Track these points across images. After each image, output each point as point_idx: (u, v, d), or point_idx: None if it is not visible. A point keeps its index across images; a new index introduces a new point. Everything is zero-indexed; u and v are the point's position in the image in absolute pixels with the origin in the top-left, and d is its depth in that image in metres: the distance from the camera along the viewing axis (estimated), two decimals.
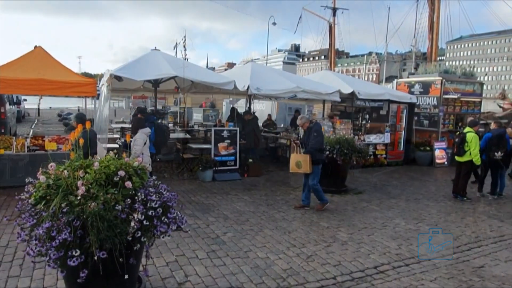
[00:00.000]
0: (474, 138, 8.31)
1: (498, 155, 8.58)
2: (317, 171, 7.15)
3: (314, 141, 6.97)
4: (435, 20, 22.39)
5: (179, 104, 19.17)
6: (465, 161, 8.49)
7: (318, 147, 7.04)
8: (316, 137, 7.00)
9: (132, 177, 3.29)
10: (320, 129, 7.21)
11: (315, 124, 7.27)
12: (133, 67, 8.97)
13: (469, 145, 8.31)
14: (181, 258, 4.77)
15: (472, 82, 14.66)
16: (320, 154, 7.17)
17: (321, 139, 7.11)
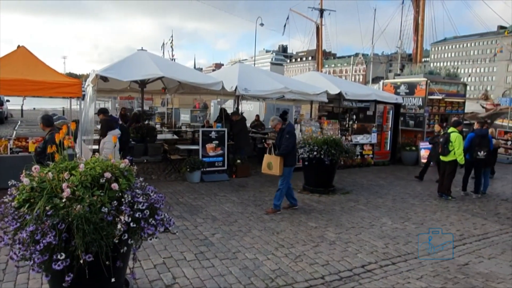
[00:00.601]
0: (457, 138, 8.46)
1: (481, 154, 8.77)
2: (288, 174, 6.99)
3: (286, 143, 6.83)
4: (420, 22, 22.74)
5: (166, 105, 19.03)
6: (449, 160, 8.64)
7: (290, 149, 6.89)
8: (288, 139, 6.85)
9: (119, 178, 3.25)
10: (293, 131, 7.08)
11: (288, 126, 7.16)
12: (119, 68, 8.86)
13: (453, 144, 8.45)
14: (169, 260, 4.73)
15: (456, 83, 14.95)
16: (292, 156, 7.02)
17: (293, 141, 6.95)
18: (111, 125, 6.82)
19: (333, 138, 8.78)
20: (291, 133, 6.94)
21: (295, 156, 7.26)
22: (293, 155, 7.06)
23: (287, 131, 6.94)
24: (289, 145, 6.84)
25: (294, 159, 7.12)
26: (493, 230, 6.60)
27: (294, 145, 7.05)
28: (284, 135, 6.92)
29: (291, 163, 7.01)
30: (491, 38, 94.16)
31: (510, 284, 4.50)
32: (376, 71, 77.47)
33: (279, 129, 7.18)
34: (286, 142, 6.83)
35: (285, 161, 6.92)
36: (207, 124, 13.21)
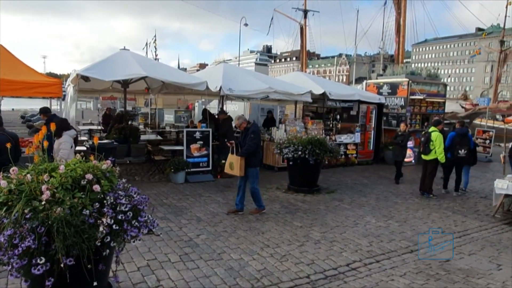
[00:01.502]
0: (438, 137, 8.64)
1: (461, 152, 8.99)
2: (254, 174, 6.81)
3: (250, 143, 6.63)
4: (401, 23, 23.15)
5: (150, 105, 18.80)
6: (430, 159, 8.81)
7: (253, 149, 6.69)
8: (253, 139, 6.66)
9: (101, 180, 3.19)
10: (257, 131, 6.94)
11: (253, 125, 6.96)
12: (101, 67, 8.71)
13: (434, 143, 8.63)
14: (153, 262, 4.67)
15: (436, 84, 15.27)
16: (255, 157, 6.83)
17: (257, 141, 6.77)
18: (65, 125, 6.43)
19: (317, 138, 8.84)
20: (256, 133, 6.77)
21: (259, 156, 7.10)
22: (256, 155, 6.86)
23: (252, 131, 6.75)
24: (252, 145, 6.66)
25: (257, 159, 6.93)
26: (473, 227, 6.76)
27: (258, 145, 6.90)
28: (248, 134, 6.71)
29: (255, 163, 6.82)
30: (469, 39, 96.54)
31: (489, 279, 4.62)
32: (359, 71, 78.46)
33: (244, 128, 6.94)
34: (250, 142, 6.63)
35: (249, 161, 6.72)
36: (192, 124, 13.12)
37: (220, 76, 10.28)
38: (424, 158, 8.99)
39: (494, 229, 6.73)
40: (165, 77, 9.42)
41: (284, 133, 10.87)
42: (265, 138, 11.83)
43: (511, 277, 4.68)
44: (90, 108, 40.25)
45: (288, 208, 7.43)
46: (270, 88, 10.52)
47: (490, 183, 9.04)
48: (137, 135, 11.38)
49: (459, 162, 9.22)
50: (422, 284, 4.43)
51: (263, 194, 8.41)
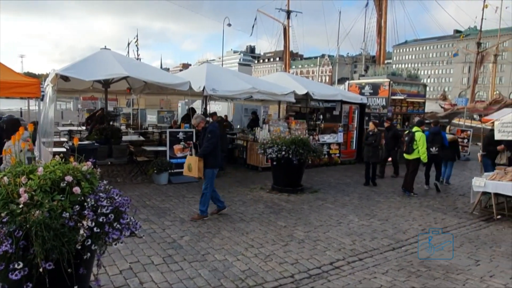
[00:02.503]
0: (422, 137, 8.87)
1: (433, 150, 9.42)
2: (210, 176, 6.58)
3: (207, 143, 6.42)
4: (382, 24, 23.51)
5: (132, 106, 18.55)
6: (413, 158, 9.01)
7: (211, 149, 6.47)
8: (210, 138, 6.43)
9: (81, 182, 3.12)
10: (216, 130, 6.66)
11: (211, 125, 6.76)
12: (81, 67, 8.54)
13: (418, 143, 8.83)
14: (136, 265, 4.60)
15: (416, 84, 15.58)
16: (213, 157, 6.56)
17: (215, 142, 6.52)
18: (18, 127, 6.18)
19: (301, 138, 8.89)
20: (213, 132, 6.51)
21: (217, 157, 6.75)
22: (214, 156, 6.59)
23: (209, 131, 6.51)
24: (210, 145, 6.43)
25: (216, 160, 6.67)
26: (452, 224, 6.93)
27: (216, 145, 6.60)
28: (206, 134, 6.50)
29: (213, 164, 6.59)
30: (448, 41, 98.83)
31: (468, 274, 4.74)
32: (341, 72, 79.39)
33: (202, 128, 6.70)
34: (207, 143, 6.41)
35: (206, 162, 6.50)
36: (175, 125, 13.00)
37: (203, 76, 10.22)
38: (407, 157, 9.16)
39: (472, 225, 6.91)
40: (147, 77, 9.31)
41: (267, 133, 10.89)
42: (249, 138, 11.83)
43: (488, 272, 4.82)
44: (70, 108, 39.42)
45: (272, 208, 7.44)
46: (254, 89, 10.53)
47: (468, 181, 9.27)
48: (119, 136, 11.22)
49: (434, 159, 9.65)
50: (403, 281, 4.51)
51: (247, 195, 8.42)
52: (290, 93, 11.42)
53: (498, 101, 26.95)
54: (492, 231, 6.60)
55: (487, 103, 28.63)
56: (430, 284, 4.44)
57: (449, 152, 10.32)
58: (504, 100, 26.91)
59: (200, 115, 7.07)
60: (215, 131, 6.59)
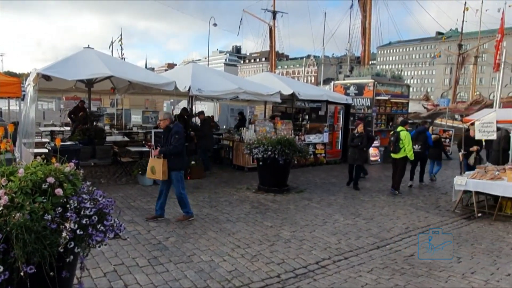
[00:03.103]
0: (407, 136, 9.11)
1: (416, 148, 9.72)
2: (179, 178, 6.34)
3: (175, 143, 6.15)
4: (367, 26, 23.83)
5: (116, 106, 18.30)
6: (400, 157, 9.23)
7: (178, 151, 6.20)
8: (178, 139, 6.16)
9: (63, 183, 3.06)
10: (182, 131, 6.38)
11: (176, 125, 6.43)
12: (63, 66, 8.37)
13: (403, 142, 9.05)
14: (120, 267, 4.54)
15: (400, 85, 15.83)
16: (179, 159, 6.31)
17: (182, 142, 6.26)
18: None
19: (286, 138, 8.93)
20: (180, 133, 6.25)
21: (183, 159, 6.50)
22: (181, 158, 6.34)
23: (175, 131, 6.22)
24: (178, 146, 6.16)
25: (182, 162, 6.43)
26: (435, 222, 7.06)
27: (183, 147, 6.34)
28: (172, 135, 6.21)
29: (180, 166, 6.37)
30: (430, 43, 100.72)
31: (450, 271, 4.83)
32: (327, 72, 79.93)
33: (166, 127, 6.38)
34: (176, 143, 6.14)
35: (172, 165, 6.24)
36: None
37: (189, 76, 10.16)
38: (394, 156, 9.36)
39: (454, 223, 7.06)
40: (132, 76, 9.20)
41: (253, 133, 10.90)
42: (235, 138, 11.82)
43: (470, 269, 4.93)
44: (52, 108, 38.61)
45: (259, 208, 7.45)
46: (240, 89, 10.52)
47: (450, 180, 9.49)
48: (103, 136, 11.06)
49: (417, 157, 9.98)
50: (388, 279, 4.57)
51: (233, 195, 8.41)
52: (276, 93, 11.45)
53: (479, 101, 27.62)
54: (473, 229, 6.76)
55: (468, 103, 29.32)
56: (414, 282, 4.51)
57: (434, 151, 10.84)
58: (484, 100, 27.59)
59: (168, 113, 6.75)
60: (181, 131, 6.34)
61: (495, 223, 7.10)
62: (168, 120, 6.41)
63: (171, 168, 6.28)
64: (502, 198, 7.31)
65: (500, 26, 13.58)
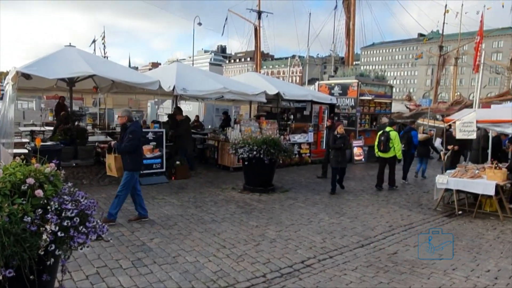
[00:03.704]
0: (396, 136, 9.51)
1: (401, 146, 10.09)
2: (128, 179, 6.07)
3: (127, 143, 5.95)
4: (351, 27, 24.08)
5: (98, 105, 17.98)
6: (390, 156, 9.57)
7: (130, 150, 6.00)
8: (132, 139, 5.95)
9: (44, 184, 2.99)
10: (138, 131, 6.18)
11: (133, 124, 6.19)
12: (43, 64, 8.19)
13: (393, 142, 9.39)
14: (103, 270, 4.46)
15: (383, 85, 16.07)
16: (133, 159, 6.06)
17: (136, 143, 6.05)
18: None
19: (272, 138, 8.94)
20: (135, 133, 6.03)
21: (138, 160, 6.24)
22: (134, 159, 6.09)
23: (131, 131, 6.01)
24: (130, 146, 5.96)
25: (136, 163, 6.16)
26: (417, 220, 7.19)
27: (138, 147, 6.14)
28: (126, 134, 6.01)
29: (133, 167, 6.09)
30: (412, 44, 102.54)
31: (433, 268, 4.93)
32: (311, 72, 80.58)
33: (123, 124, 6.19)
34: (128, 143, 5.95)
35: (124, 164, 6.10)
36: (144, 125, 12.72)
37: (173, 75, 10.06)
38: (383, 156, 9.64)
39: (436, 221, 7.20)
40: (115, 75, 9.06)
41: (239, 133, 10.88)
42: (220, 138, 11.77)
43: (451, 265, 5.03)
44: (32, 108, 37.69)
45: (244, 208, 7.44)
46: (225, 88, 10.48)
47: (432, 178, 9.69)
48: (85, 136, 10.87)
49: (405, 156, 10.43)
50: (372, 277, 4.62)
51: (219, 195, 8.37)
52: (261, 93, 11.46)
53: (459, 102, 28.25)
54: (454, 226, 6.91)
55: (449, 103, 29.97)
56: (397, 279, 4.58)
57: (422, 150, 11.36)
58: (465, 101, 28.24)
59: (127, 110, 6.52)
60: (137, 131, 6.11)
61: (475, 220, 7.28)
62: (126, 117, 6.18)
63: (123, 167, 6.13)
64: (482, 196, 7.50)
65: (479, 29, 13.92)
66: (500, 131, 8.58)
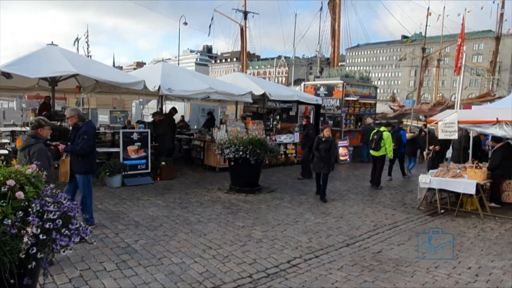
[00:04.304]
0: (389, 136, 9.99)
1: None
2: (86, 183, 5.84)
3: (83, 145, 5.62)
4: (336, 28, 24.27)
5: (82, 105, 17.68)
6: (380, 155, 10.03)
7: (85, 152, 5.67)
8: (87, 140, 5.63)
9: (25, 186, 2.92)
10: (92, 131, 5.85)
11: (85, 124, 5.85)
12: (24, 63, 8.01)
13: (385, 141, 9.88)
14: (87, 272, 4.38)
15: (368, 86, 16.27)
16: (88, 161, 5.79)
17: (91, 144, 5.73)
18: None
19: (258, 138, 8.95)
20: (89, 134, 5.71)
21: (92, 162, 5.94)
22: (88, 160, 5.80)
23: (84, 131, 5.67)
24: (86, 148, 5.63)
25: (90, 165, 5.88)
26: (401, 219, 7.30)
27: (92, 149, 5.83)
28: (80, 135, 5.67)
29: (86, 169, 5.81)
30: (396, 46, 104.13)
31: (416, 266, 5.01)
32: (297, 73, 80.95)
33: (74, 124, 5.84)
34: (84, 145, 5.62)
35: (78, 167, 5.76)
36: (129, 125, 12.56)
37: (158, 75, 9.96)
38: (374, 154, 10.13)
39: (419, 220, 7.33)
40: (99, 75, 8.92)
41: (225, 133, 10.85)
42: (206, 138, 11.72)
43: (434, 263, 5.12)
44: (13, 107, 36.81)
45: (230, 208, 7.42)
46: (211, 89, 10.44)
47: (415, 178, 9.86)
48: (68, 137, 10.65)
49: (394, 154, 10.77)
50: (357, 276, 4.68)
51: (205, 196, 8.33)
52: (247, 93, 11.45)
53: (441, 102, 28.84)
54: (437, 225, 7.04)
55: (432, 104, 30.58)
56: (382, 277, 4.64)
57: (410, 149, 12.01)
58: (447, 102, 28.84)
59: (76, 109, 6.16)
60: (91, 132, 5.79)
61: (457, 219, 7.43)
62: (75, 117, 5.80)
63: (75, 170, 5.77)
64: (463, 195, 7.67)
65: (461, 31, 14.25)
66: (481, 132, 8.77)
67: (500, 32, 37.89)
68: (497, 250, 5.71)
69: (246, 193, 8.61)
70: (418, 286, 4.46)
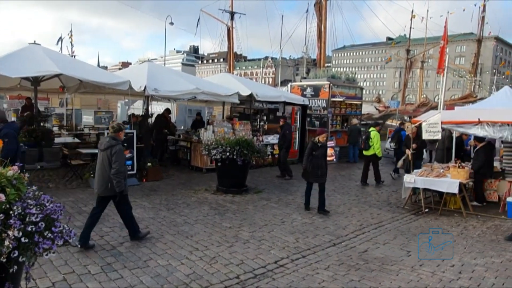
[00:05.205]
0: (376, 135, 10.33)
1: (391, 145, 11.19)
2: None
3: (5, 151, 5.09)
4: (322, 30, 24.48)
5: (65, 106, 17.36)
6: (370, 154, 10.39)
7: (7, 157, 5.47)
8: (7, 144, 5.27)
9: (6, 188, 2.85)
10: (13, 133, 5.50)
11: (6, 126, 5.55)
12: (6, 62, 7.81)
13: (372, 141, 10.23)
14: (71, 276, 4.30)
15: (354, 87, 16.44)
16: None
17: (13, 148, 5.45)
18: None
19: (245, 138, 8.94)
20: (10, 136, 5.36)
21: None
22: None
23: (5, 134, 5.36)
24: (8, 151, 5.20)
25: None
26: (387, 219, 7.39)
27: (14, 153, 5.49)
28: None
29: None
30: (381, 47, 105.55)
31: (401, 265, 5.08)
32: (284, 74, 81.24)
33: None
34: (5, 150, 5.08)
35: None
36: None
37: (144, 75, 9.86)
38: (365, 153, 10.55)
39: (404, 219, 7.43)
40: (83, 75, 8.78)
41: (212, 134, 10.81)
42: (193, 139, 11.66)
43: (418, 262, 5.20)
44: None
45: (217, 209, 7.39)
46: (198, 89, 10.39)
47: (400, 178, 10.01)
48: (51, 138, 10.46)
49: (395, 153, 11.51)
50: (344, 275, 4.71)
51: (192, 197, 8.28)
52: (234, 94, 11.44)
53: (425, 103, 29.35)
54: (421, 224, 7.15)
55: (416, 105, 31.08)
56: (368, 276, 4.69)
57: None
58: (430, 103, 29.37)
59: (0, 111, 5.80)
60: (10, 134, 5.44)
61: (441, 217, 7.57)
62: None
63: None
64: (446, 194, 7.81)
65: (444, 33, 14.52)
66: (463, 132, 8.95)
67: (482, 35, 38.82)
68: (479, 247, 5.83)
69: (233, 194, 8.59)
70: (403, 284, 4.52)
